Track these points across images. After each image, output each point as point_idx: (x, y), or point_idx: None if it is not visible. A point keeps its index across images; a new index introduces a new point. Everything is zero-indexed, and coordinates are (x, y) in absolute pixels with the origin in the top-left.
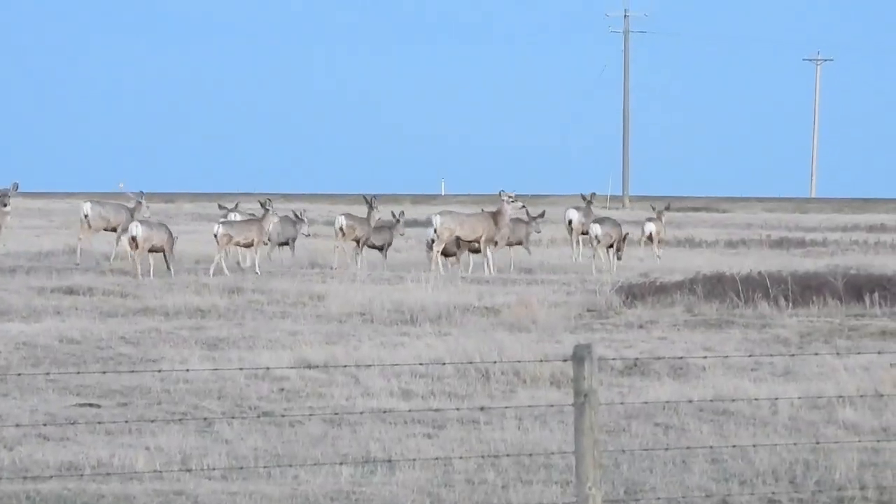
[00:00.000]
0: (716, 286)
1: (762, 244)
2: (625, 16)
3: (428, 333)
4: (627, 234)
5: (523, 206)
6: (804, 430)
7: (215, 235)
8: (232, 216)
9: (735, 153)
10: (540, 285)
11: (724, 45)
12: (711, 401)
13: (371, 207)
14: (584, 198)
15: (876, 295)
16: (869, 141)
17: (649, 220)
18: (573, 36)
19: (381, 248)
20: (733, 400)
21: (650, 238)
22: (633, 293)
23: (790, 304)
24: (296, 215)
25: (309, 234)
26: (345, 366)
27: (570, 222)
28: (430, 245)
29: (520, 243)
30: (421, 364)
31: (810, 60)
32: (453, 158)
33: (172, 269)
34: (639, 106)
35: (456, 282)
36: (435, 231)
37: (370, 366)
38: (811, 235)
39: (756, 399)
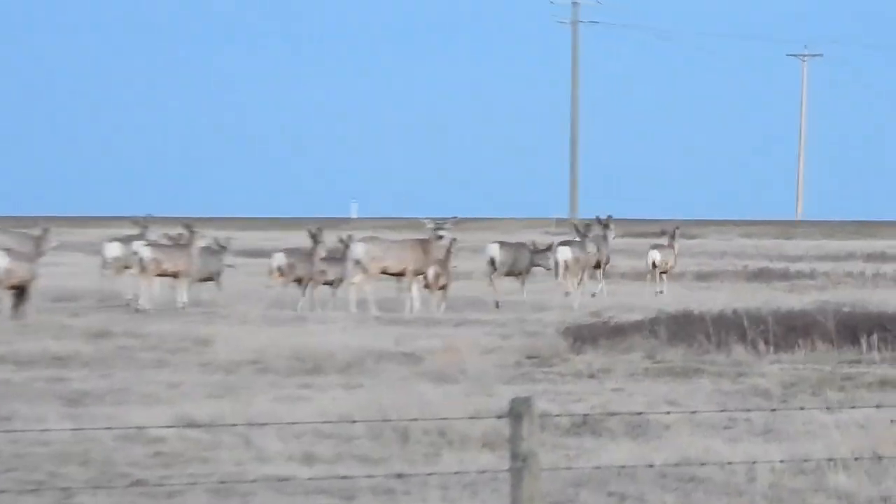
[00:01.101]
0: (682, 327)
1: (738, 276)
2: (573, 2)
3: (335, 385)
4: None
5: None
6: (788, 501)
7: (141, 260)
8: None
9: (706, 168)
10: (470, 326)
11: (693, 40)
12: (676, 465)
13: (316, 241)
14: (599, 221)
15: (874, 337)
16: (866, 154)
17: (655, 247)
18: (510, 30)
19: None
20: (703, 464)
21: (654, 268)
22: (583, 336)
23: (771, 349)
24: (219, 244)
25: (233, 266)
26: (234, 424)
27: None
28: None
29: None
30: (326, 422)
31: (796, 56)
32: (365, 177)
33: (29, 310)
34: (590, 113)
35: (369, 323)
36: (358, 262)
37: (265, 424)
38: (797, 266)
39: (730, 463)
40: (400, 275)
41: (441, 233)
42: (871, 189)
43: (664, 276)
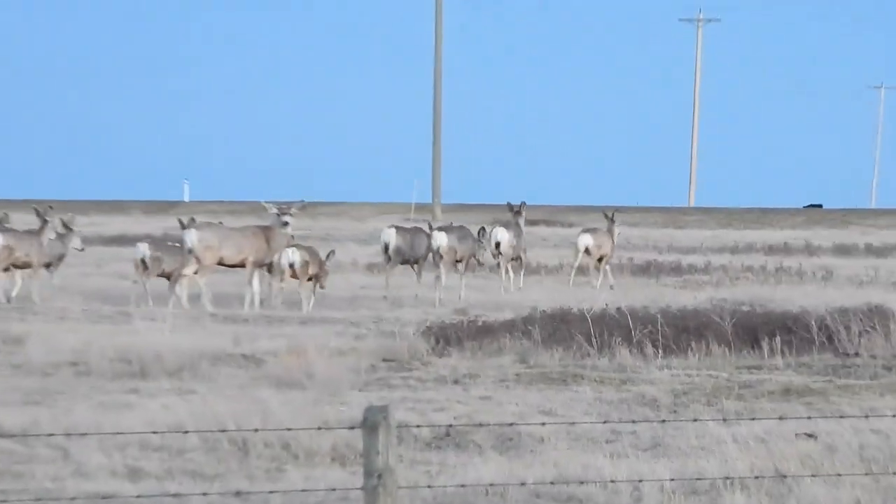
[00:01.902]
0: (559, 328)
1: (622, 270)
2: None
3: (165, 391)
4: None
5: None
6: None
7: None
8: None
9: (584, 147)
10: (318, 325)
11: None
12: (552, 483)
13: (44, 221)
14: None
15: (777, 340)
16: (767, 133)
17: (587, 231)
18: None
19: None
20: (582, 482)
21: (587, 255)
22: (447, 336)
23: (660, 353)
24: (65, 226)
25: (83, 249)
26: (50, 434)
27: (497, 245)
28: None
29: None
30: (155, 432)
31: (689, 20)
32: (199, 156)
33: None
34: (453, 89)
35: (204, 320)
36: (191, 251)
37: (85, 434)
38: (689, 258)
39: (613, 481)
40: (239, 266)
41: (286, 219)
42: (771, 173)
43: (605, 267)
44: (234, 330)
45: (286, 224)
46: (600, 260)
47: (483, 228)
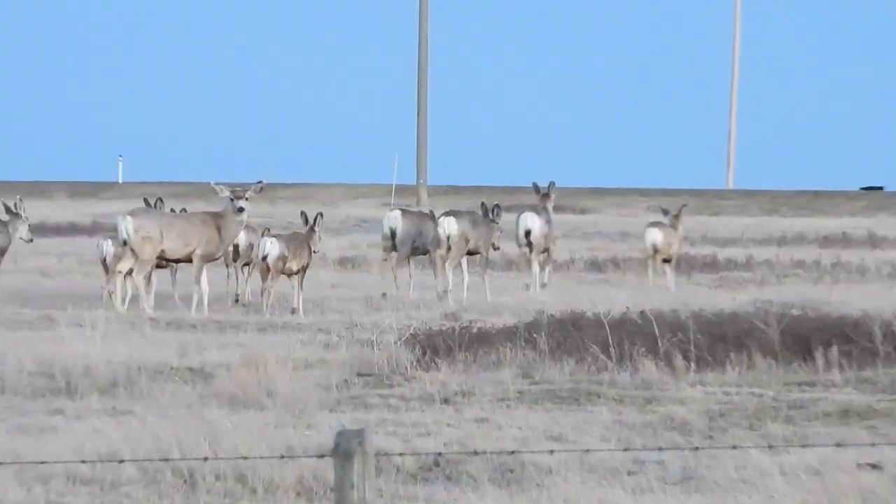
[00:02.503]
0: (570, 335)
1: (645, 265)
2: None
3: (95, 411)
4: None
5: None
6: None
7: None
8: None
9: (598, 121)
10: (280, 332)
11: None
12: None
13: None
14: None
15: (834, 351)
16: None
17: (654, 225)
18: None
19: None
20: None
21: (654, 254)
22: (435, 346)
23: (693, 366)
24: (7, 208)
25: (31, 240)
26: None
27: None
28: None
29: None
30: (84, 462)
31: None
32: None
33: None
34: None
35: (142, 326)
36: (125, 241)
37: (0, 464)
38: (727, 251)
39: None
40: (184, 260)
41: (241, 204)
42: (825, 149)
43: (667, 265)
44: (178, 338)
45: (241, 210)
46: (667, 260)
47: (497, 205)
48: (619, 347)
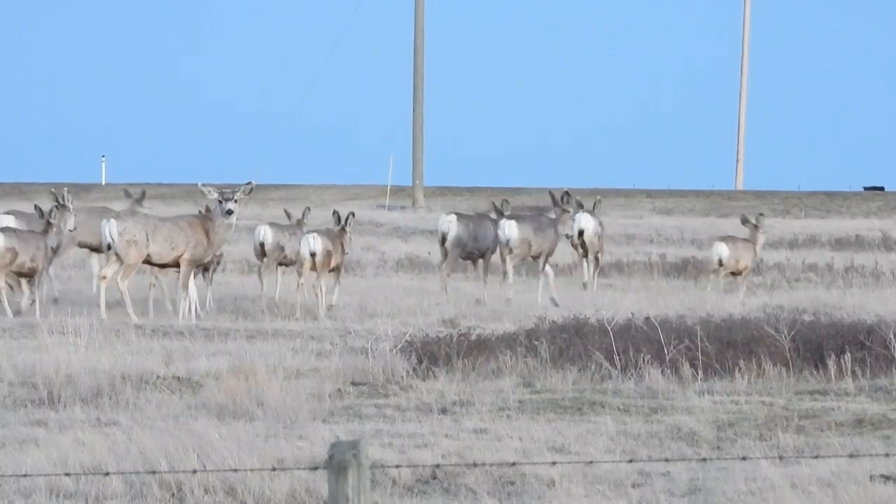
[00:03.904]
0: (572, 342)
1: (652, 270)
2: None
3: (80, 422)
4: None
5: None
6: None
7: None
8: None
9: (599, 119)
10: (270, 339)
11: None
12: None
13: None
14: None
15: (847, 358)
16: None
17: (724, 239)
18: None
19: None
20: None
21: (720, 265)
22: (432, 354)
23: (700, 374)
24: (57, 204)
25: (74, 228)
26: None
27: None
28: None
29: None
30: (67, 475)
31: None
32: (120, 128)
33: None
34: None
35: (127, 333)
36: (110, 245)
37: None
38: None
39: None
40: (171, 265)
41: (229, 206)
42: (837, 149)
43: (737, 277)
44: (165, 346)
45: (230, 212)
46: (736, 274)
47: (567, 193)
48: (624, 355)
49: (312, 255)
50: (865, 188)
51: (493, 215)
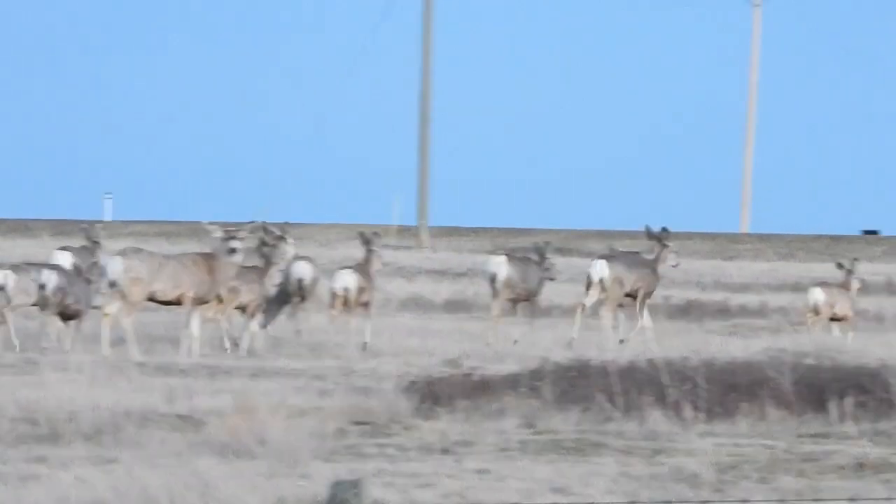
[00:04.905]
0: (575, 383)
1: (656, 311)
2: None
3: (80, 459)
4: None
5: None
6: None
7: None
8: None
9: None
10: (273, 378)
11: None
12: None
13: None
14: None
15: (850, 402)
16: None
17: (820, 285)
18: None
19: None
20: None
21: (816, 315)
22: (434, 394)
23: (703, 417)
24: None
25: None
26: None
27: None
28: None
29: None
30: None
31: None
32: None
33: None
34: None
35: (129, 370)
36: (114, 284)
37: None
38: (741, 297)
39: None
40: (174, 303)
41: (233, 244)
42: (841, 192)
43: (837, 323)
44: (167, 383)
45: (234, 251)
46: (835, 319)
47: (665, 229)
48: (626, 396)
49: (345, 290)
50: (863, 232)
51: (535, 256)
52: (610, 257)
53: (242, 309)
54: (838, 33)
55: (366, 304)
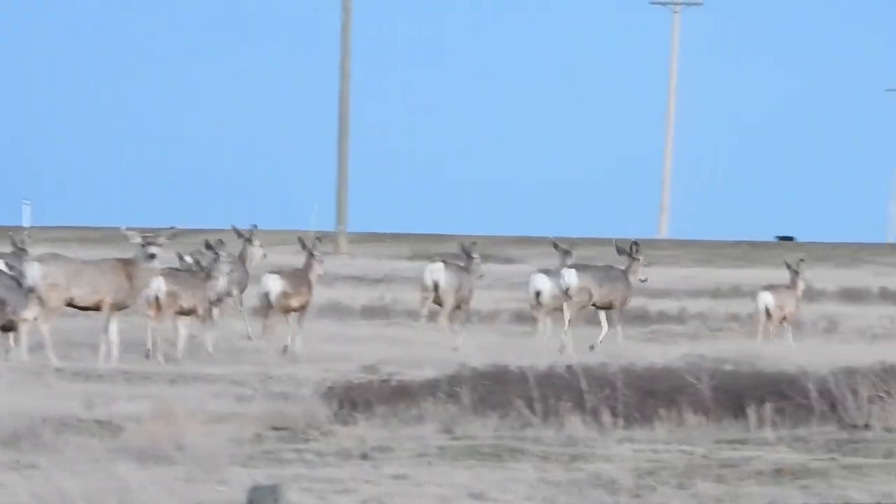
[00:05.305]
0: (493, 389)
1: (576, 317)
2: None
3: (0, 465)
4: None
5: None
6: None
7: None
8: None
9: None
10: (191, 384)
11: None
12: None
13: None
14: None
15: (768, 408)
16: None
17: (768, 288)
18: None
19: None
20: None
21: (767, 318)
22: (353, 400)
23: (621, 422)
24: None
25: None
26: None
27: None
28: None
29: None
30: None
31: (662, 4)
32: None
33: None
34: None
35: (47, 376)
36: (32, 289)
37: None
38: (659, 304)
39: None
40: (93, 308)
41: (152, 250)
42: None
43: (784, 323)
44: (85, 389)
45: (153, 256)
46: (782, 320)
47: (636, 243)
48: (545, 402)
49: (271, 295)
50: (778, 238)
51: (462, 262)
52: (581, 267)
53: (189, 313)
54: (756, 40)
55: (298, 310)
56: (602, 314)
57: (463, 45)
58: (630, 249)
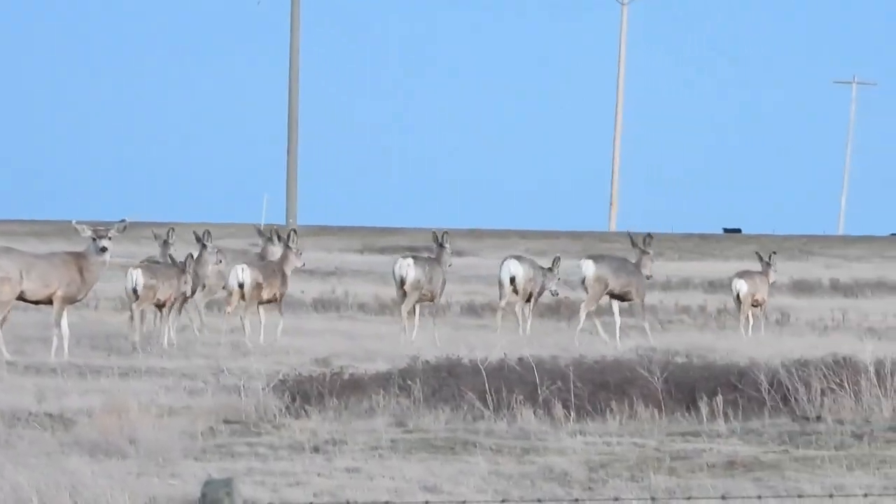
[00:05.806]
0: (446, 382)
1: (525, 310)
2: None
3: None
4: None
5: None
6: None
7: None
8: None
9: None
10: (143, 377)
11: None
12: None
13: None
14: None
15: (719, 400)
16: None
17: (741, 275)
18: None
19: None
20: None
21: (740, 305)
22: (305, 393)
23: (573, 415)
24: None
25: None
26: None
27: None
28: None
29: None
30: None
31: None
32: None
33: None
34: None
35: None
36: None
37: None
38: None
39: None
40: (44, 302)
41: (103, 244)
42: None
43: (758, 312)
44: (37, 383)
45: (104, 250)
46: (754, 306)
47: (650, 235)
48: (497, 395)
49: (241, 286)
50: (725, 230)
51: (433, 254)
52: (597, 258)
53: (160, 307)
54: (703, 33)
55: (271, 301)
56: (615, 305)
57: (404, 39)
58: (643, 242)
